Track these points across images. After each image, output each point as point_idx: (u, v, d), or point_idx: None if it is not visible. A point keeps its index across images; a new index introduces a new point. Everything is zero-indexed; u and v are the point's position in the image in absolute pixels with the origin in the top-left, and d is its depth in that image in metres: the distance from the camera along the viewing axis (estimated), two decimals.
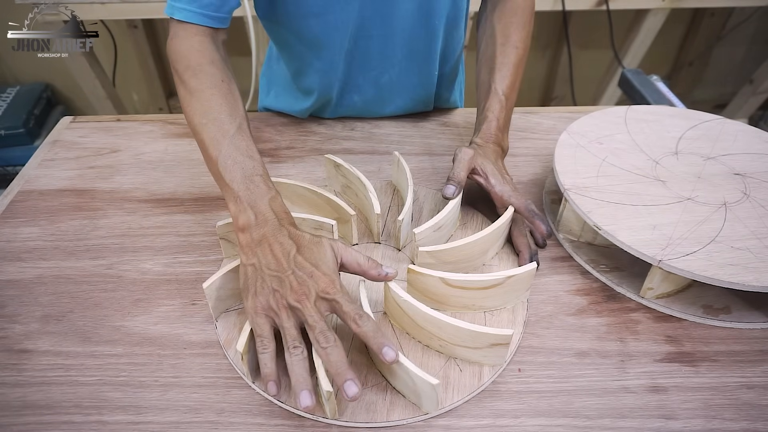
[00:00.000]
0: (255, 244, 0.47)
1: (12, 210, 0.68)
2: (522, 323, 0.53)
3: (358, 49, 0.72)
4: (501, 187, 0.59)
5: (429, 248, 0.54)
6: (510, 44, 0.67)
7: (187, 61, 0.56)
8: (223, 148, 0.51)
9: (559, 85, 2.16)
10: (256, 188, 0.49)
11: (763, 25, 1.98)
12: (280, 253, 0.46)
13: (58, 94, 2.08)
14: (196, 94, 0.55)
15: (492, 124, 0.64)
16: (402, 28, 0.70)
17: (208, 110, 0.53)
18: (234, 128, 0.53)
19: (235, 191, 0.49)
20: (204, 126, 0.53)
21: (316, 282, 0.44)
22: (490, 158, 0.61)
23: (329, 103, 0.80)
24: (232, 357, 0.50)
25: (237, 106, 0.55)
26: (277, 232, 0.47)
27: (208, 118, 0.53)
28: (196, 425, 0.45)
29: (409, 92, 0.80)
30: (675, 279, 0.53)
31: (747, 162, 0.64)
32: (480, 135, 0.64)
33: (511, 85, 0.66)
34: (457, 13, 0.73)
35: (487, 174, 0.60)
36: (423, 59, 0.75)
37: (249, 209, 0.48)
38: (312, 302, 0.44)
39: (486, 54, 0.69)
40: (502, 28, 0.68)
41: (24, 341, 0.52)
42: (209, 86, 0.55)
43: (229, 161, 0.51)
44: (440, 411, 0.46)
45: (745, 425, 0.45)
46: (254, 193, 0.49)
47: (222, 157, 0.51)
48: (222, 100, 0.54)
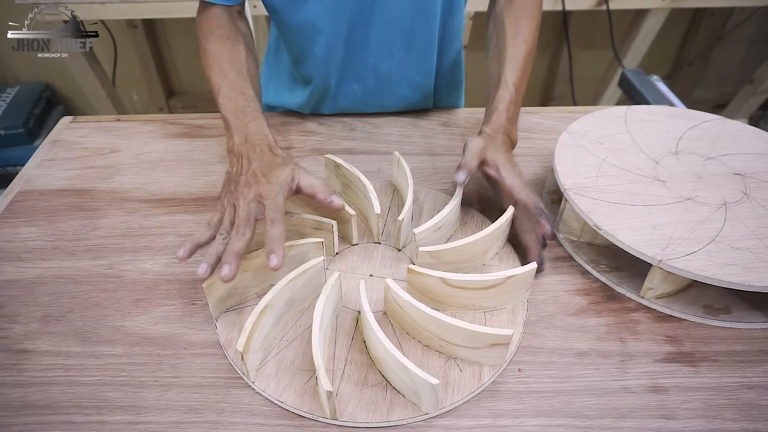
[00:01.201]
0: (235, 157, 0.57)
1: (12, 210, 0.68)
2: (522, 323, 0.53)
3: (356, 36, 0.73)
4: (512, 180, 0.58)
5: (429, 248, 0.54)
6: (520, 36, 0.67)
7: (205, 30, 0.68)
8: (222, 89, 0.62)
9: (559, 85, 2.16)
10: (244, 117, 0.59)
11: (763, 25, 1.98)
12: (246, 163, 0.55)
13: (58, 94, 2.08)
14: (207, 50, 0.66)
15: (502, 115, 0.63)
16: (399, 15, 0.71)
17: (213, 62, 0.65)
18: (233, 72, 0.63)
19: (228, 120, 0.60)
20: (211, 74, 0.65)
21: (258, 187, 0.52)
22: (501, 150, 0.60)
23: (329, 92, 0.80)
24: (232, 357, 0.50)
25: (238, 56, 0.66)
26: (251, 149, 0.56)
27: (214, 67, 0.65)
28: (196, 425, 0.45)
29: (408, 83, 0.80)
30: (675, 279, 0.53)
31: (747, 162, 0.64)
32: (490, 125, 0.63)
33: (521, 77, 0.66)
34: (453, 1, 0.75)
35: (498, 165, 0.59)
36: (421, 48, 0.76)
37: (234, 133, 0.58)
38: (246, 202, 0.51)
39: (496, 47, 0.69)
40: (511, 21, 0.68)
41: (24, 341, 0.52)
42: (216, 43, 0.66)
43: (225, 99, 0.61)
44: (440, 411, 0.46)
45: (745, 425, 0.45)
46: (241, 120, 0.59)
47: (221, 97, 0.62)
48: (223, 51, 0.65)
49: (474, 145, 0.59)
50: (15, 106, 1.86)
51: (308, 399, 0.46)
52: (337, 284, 0.51)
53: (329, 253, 0.60)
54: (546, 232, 0.57)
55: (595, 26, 1.88)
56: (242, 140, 0.57)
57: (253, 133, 0.58)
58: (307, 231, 0.59)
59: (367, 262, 0.60)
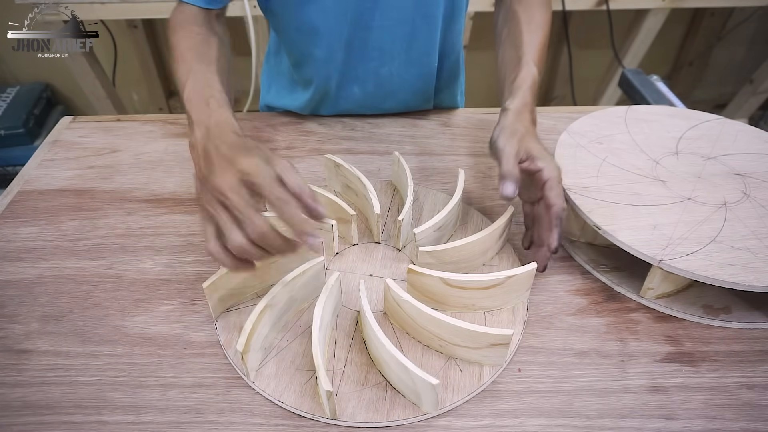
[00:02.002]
0: (202, 157, 0.48)
1: (12, 210, 0.68)
2: (522, 323, 0.53)
3: (357, 39, 0.73)
4: (549, 173, 0.52)
5: (429, 248, 0.54)
6: (535, 23, 0.65)
7: (176, 27, 0.63)
8: (189, 82, 0.55)
9: (559, 85, 2.16)
10: (207, 109, 0.52)
11: (763, 25, 1.98)
12: (215, 156, 0.46)
13: (58, 94, 2.08)
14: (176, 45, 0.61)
15: (527, 93, 0.59)
16: (401, 19, 0.71)
17: (179, 56, 0.59)
18: (201, 65, 0.57)
19: (190, 114, 0.53)
20: (177, 68, 0.58)
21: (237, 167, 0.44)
22: (531, 133, 0.56)
23: (329, 95, 0.80)
24: (232, 357, 0.50)
25: (207, 50, 0.60)
26: (217, 139, 0.48)
27: (178, 62, 0.59)
28: (196, 425, 0.45)
29: (409, 86, 0.80)
30: (675, 279, 0.53)
31: (747, 162, 0.64)
32: (515, 103, 0.58)
33: (541, 59, 0.63)
34: (455, 5, 0.74)
35: (534, 157, 0.53)
36: (422, 52, 0.76)
37: (196, 127, 0.51)
38: (235, 192, 0.43)
39: (510, 34, 0.66)
40: (524, 9, 0.67)
41: (24, 341, 0.52)
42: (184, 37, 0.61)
43: (192, 93, 0.54)
44: (440, 411, 0.46)
45: (745, 425, 0.45)
46: (204, 113, 0.52)
47: (186, 91, 0.55)
48: (191, 45, 0.60)
49: (510, 149, 0.53)
50: (15, 106, 1.86)
51: (308, 399, 0.46)
52: (337, 284, 0.51)
53: (329, 253, 0.60)
54: (551, 245, 0.53)
55: (595, 26, 1.88)
56: (203, 132, 0.49)
57: (215, 123, 0.50)
58: None
59: (367, 262, 0.60)
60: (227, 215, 0.44)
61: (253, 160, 0.44)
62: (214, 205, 0.44)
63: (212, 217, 0.45)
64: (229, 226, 0.43)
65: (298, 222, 0.43)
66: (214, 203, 0.44)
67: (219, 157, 0.46)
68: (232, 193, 0.43)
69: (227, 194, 0.43)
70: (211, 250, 0.45)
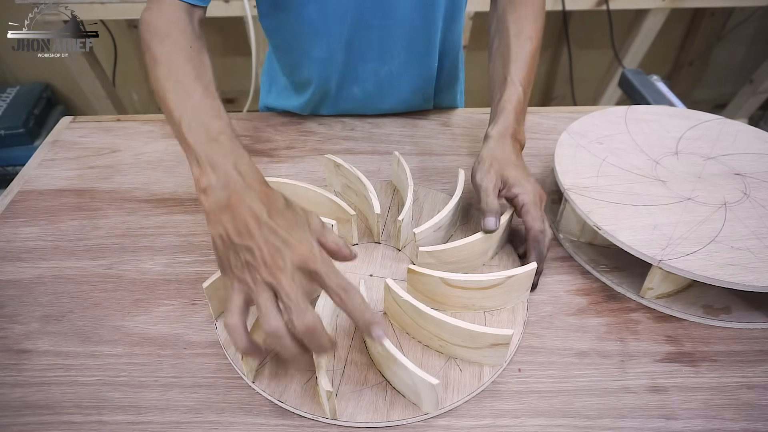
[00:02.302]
0: (220, 209, 0.42)
1: (12, 210, 0.68)
2: (522, 323, 0.53)
3: (357, 39, 0.72)
4: (524, 197, 0.55)
5: (429, 248, 0.54)
6: (524, 36, 0.65)
7: (155, 29, 0.53)
8: (188, 110, 0.47)
9: (559, 85, 2.16)
10: (220, 147, 0.44)
11: (763, 25, 1.98)
12: (249, 218, 0.41)
13: (58, 94, 2.08)
14: (162, 58, 0.51)
15: (510, 116, 0.60)
16: (401, 19, 0.71)
17: (173, 72, 0.50)
18: (200, 89, 0.49)
19: (197, 152, 0.44)
20: (168, 90, 0.49)
21: (292, 251, 0.40)
22: (510, 159, 0.57)
23: (329, 95, 0.80)
24: (232, 357, 0.50)
25: (204, 70, 0.52)
26: (244, 193, 0.42)
27: (171, 81, 0.50)
28: (196, 425, 0.45)
29: (409, 86, 0.80)
30: (675, 279, 0.53)
31: (747, 162, 0.64)
32: (497, 127, 0.60)
33: (528, 76, 0.64)
34: (455, 5, 0.74)
35: (510, 184, 0.56)
36: (422, 52, 0.76)
37: (210, 169, 0.43)
38: (289, 277, 0.39)
39: (499, 47, 0.67)
40: (514, 20, 0.67)
41: (24, 341, 0.52)
42: (175, 50, 0.52)
43: (193, 123, 0.46)
44: (440, 411, 0.46)
45: (745, 425, 0.45)
46: (217, 152, 0.44)
47: (186, 118, 0.47)
48: (188, 62, 0.51)
49: (487, 183, 0.55)
50: (15, 106, 1.86)
51: (308, 399, 0.46)
52: None
53: None
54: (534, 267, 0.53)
55: (595, 26, 1.88)
56: (222, 179, 0.42)
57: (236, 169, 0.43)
58: None
59: (367, 262, 0.60)
60: (270, 296, 0.40)
61: (306, 242, 0.40)
62: (254, 278, 0.40)
63: (247, 290, 0.41)
64: (273, 311, 0.39)
65: (364, 313, 0.40)
66: (256, 278, 0.40)
67: (256, 222, 0.41)
68: (286, 279, 0.39)
69: (280, 279, 0.39)
70: (232, 325, 0.40)
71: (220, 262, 0.43)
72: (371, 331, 0.40)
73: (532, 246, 0.54)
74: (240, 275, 0.41)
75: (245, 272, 0.41)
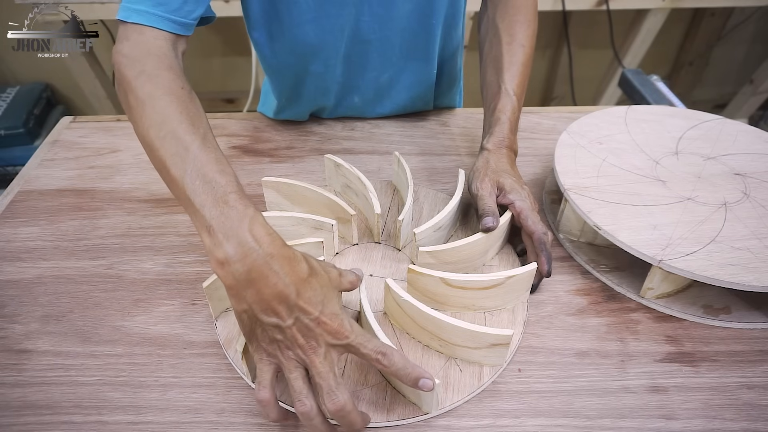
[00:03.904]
0: (242, 285, 0.39)
1: (12, 210, 0.68)
2: (522, 323, 0.53)
3: (355, 54, 0.72)
4: (520, 203, 0.56)
5: (429, 248, 0.54)
6: (516, 43, 0.65)
7: (141, 66, 0.48)
8: (188, 166, 0.42)
9: (559, 85, 2.16)
10: (231, 211, 0.40)
11: (763, 25, 1.98)
12: (275, 296, 0.39)
13: (58, 94, 2.08)
14: (150, 102, 0.46)
15: (504, 126, 0.61)
16: (400, 30, 0.70)
17: (166, 120, 0.45)
18: (198, 140, 0.44)
19: (207, 220, 0.40)
20: (162, 140, 0.44)
21: (324, 329, 0.39)
22: (506, 168, 0.58)
23: (328, 106, 0.81)
24: (232, 357, 0.50)
25: (199, 115, 0.47)
26: (265, 266, 0.39)
27: (165, 129, 0.44)
28: (196, 425, 0.45)
29: (408, 92, 0.80)
30: (675, 279, 0.53)
31: (747, 162, 0.64)
32: (492, 140, 0.61)
33: (521, 84, 0.64)
34: (455, 12, 0.73)
35: (506, 191, 0.56)
36: (422, 58, 0.75)
37: (224, 240, 0.39)
38: (322, 356, 0.39)
39: (491, 54, 0.67)
40: (506, 26, 0.66)
41: (24, 341, 0.52)
42: (166, 92, 0.47)
43: (197, 182, 0.42)
44: (440, 411, 0.46)
45: (745, 425, 0.45)
46: (230, 218, 0.40)
47: (188, 176, 0.42)
48: (180, 108, 0.46)
49: (483, 191, 0.57)
50: (15, 106, 1.86)
51: None
52: None
53: (329, 253, 0.60)
54: (542, 270, 0.54)
55: (595, 26, 1.88)
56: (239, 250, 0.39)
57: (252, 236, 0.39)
58: (307, 231, 0.59)
59: (367, 262, 0.60)
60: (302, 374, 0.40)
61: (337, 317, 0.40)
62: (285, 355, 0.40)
63: (277, 363, 0.40)
64: (305, 391, 0.39)
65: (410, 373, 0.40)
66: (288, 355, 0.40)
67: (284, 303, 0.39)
68: (319, 358, 0.39)
69: (313, 359, 0.39)
70: (264, 400, 0.40)
71: (246, 332, 0.42)
72: (421, 387, 0.40)
73: (540, 249, 0.54)
74: (269, 350, 0.40)
75: (275, 348, 0.40)
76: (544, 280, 0.58)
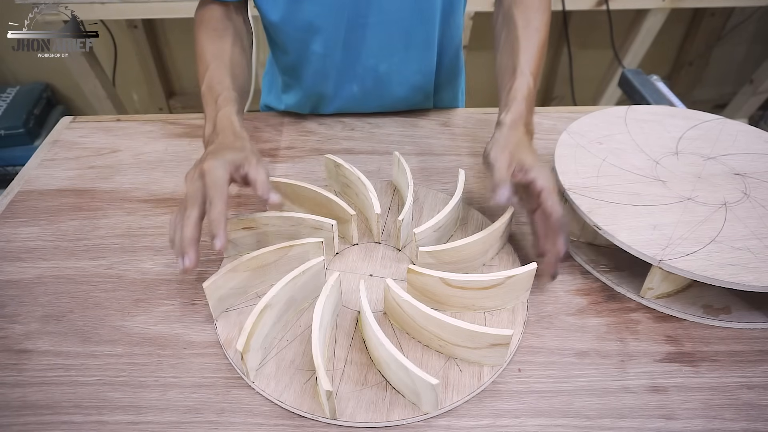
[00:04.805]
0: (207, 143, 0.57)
1: (12, 210, 0.68)
2: (522, 323, 0.53)
3: (354, 37, 0.73)
4: (543, 182, 0.53)
5: (429, 248, 0.54)
6: (532, 27, 0.65)
7: (195, 24, 0.70)
8: (204, 81, 0.63)
9: (559, 85, 2.16)
10: (215, 106, 0.60)
11: (763, 25, 1.98)
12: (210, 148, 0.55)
13: (58, 94, 2.08)
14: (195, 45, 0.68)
15: (521, 105, 0.59)
16: (398, 15, 0.71)
17: (199, 54, 0.67)
18: (214, 63, 0.64)
19: (205, 111, 0.61)
20: (198, 67, 0.66)
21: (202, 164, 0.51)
22: (525, 145, 0.56)
23: (327, 94, 0.81)
24: (232, 357, 0.50)
25: (221, 48, 0.66)
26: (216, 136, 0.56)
27: (199, 60, 0.66)
28: (196, 425, 0.45)
29: (408, 82, 0.80)
30: (675, 279, 0.53)
31: (747, 162, 0.64)
32: (510, 115, 0.58)
33: (537, 66, 0.63)
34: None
35: (527, 168, 0.53)
36: (421, 47, 0.76)
37: (207, 123, 0.59)
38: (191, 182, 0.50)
39: (507, 39, 0.66)
40: (521, 12, 0.66)
41: (24, 341, 0.52)
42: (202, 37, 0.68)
43: (205, 90, 0.63)
44: (440, 411, 0.46)
45: (745, 425, 0.45)
46: (214, 109, 0.59)
47: (203, 88, 0.63)
48: (208, 43, 0.67)
49: (501, 162, 0.54)
50: (15, 106, 1.86)
51: (308, 399, 0.46)
52: (337, 284, 0.51)
53: (329, 253, 0.60)
54: (559, 252, 0.53)
55: (595, 26, 1.88)
56: (211, 129, 0.57)
57: (220, 119, 0.58)
58: (307, 231, 0.59)
59: (367, 262, 0.60)
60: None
61: (213, 162, 0.51)
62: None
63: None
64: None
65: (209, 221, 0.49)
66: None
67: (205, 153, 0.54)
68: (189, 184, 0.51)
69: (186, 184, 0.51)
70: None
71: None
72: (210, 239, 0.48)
73: (558, 230, 0.52)
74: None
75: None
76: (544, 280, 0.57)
